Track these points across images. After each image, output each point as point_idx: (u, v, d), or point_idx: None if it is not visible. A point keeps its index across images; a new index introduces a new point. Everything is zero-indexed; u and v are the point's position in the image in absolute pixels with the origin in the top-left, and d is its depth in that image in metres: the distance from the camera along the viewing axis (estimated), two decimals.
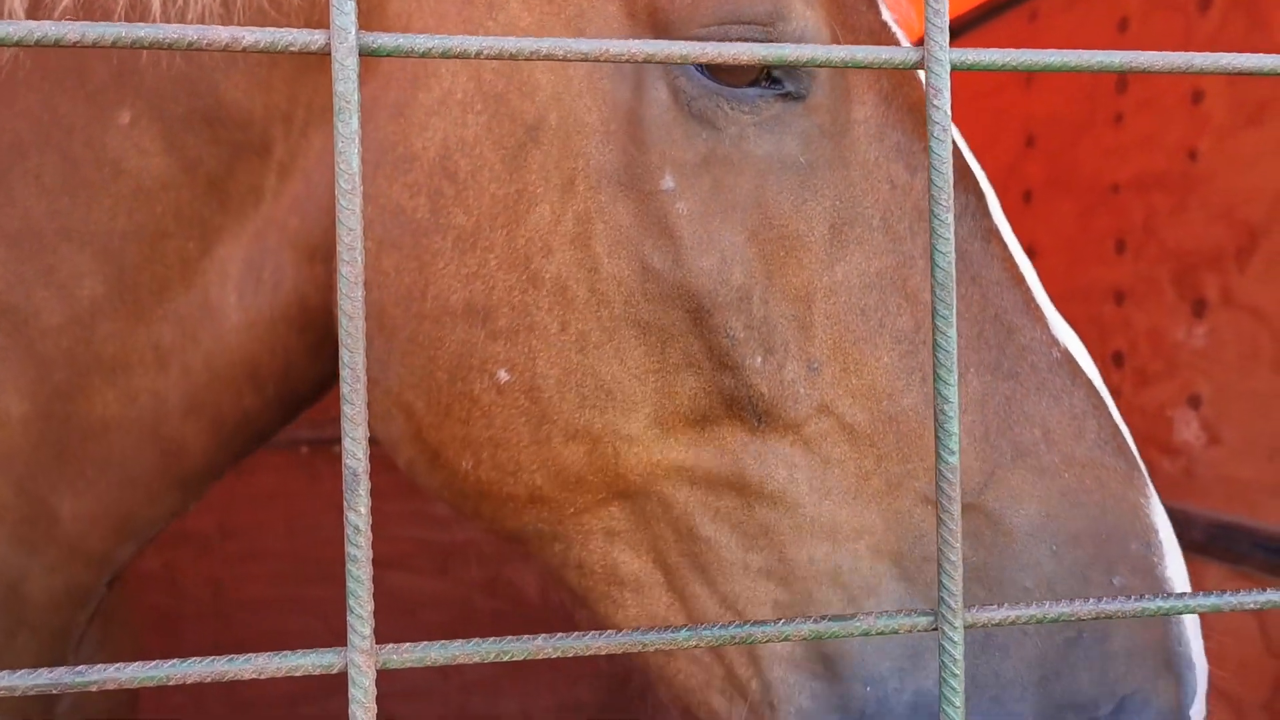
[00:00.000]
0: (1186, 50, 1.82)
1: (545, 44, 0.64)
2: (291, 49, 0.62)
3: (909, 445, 0.98)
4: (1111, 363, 2.76)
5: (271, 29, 0.62)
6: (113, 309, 1.22)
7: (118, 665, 0.60)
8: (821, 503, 0.97)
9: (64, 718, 1.52)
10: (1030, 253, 3.11)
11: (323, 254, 1.17)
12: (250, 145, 1.17)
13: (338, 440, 2.51)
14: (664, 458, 1.01)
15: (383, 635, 3.81)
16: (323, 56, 1.12)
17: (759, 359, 0.98)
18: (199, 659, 0.61)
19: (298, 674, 0.62)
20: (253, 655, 0.61)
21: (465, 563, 3.85)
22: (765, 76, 0.98)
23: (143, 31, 0.60)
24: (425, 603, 3.83)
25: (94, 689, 0.60)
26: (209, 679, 0.61)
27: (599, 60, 0.62)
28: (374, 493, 3.88)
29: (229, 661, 0.61)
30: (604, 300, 0.99)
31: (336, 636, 3.78)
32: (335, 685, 3.78)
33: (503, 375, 1.01)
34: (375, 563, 3.80)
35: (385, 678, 3.82)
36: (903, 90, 1.04)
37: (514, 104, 1.01)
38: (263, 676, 0.61)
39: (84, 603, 1.41)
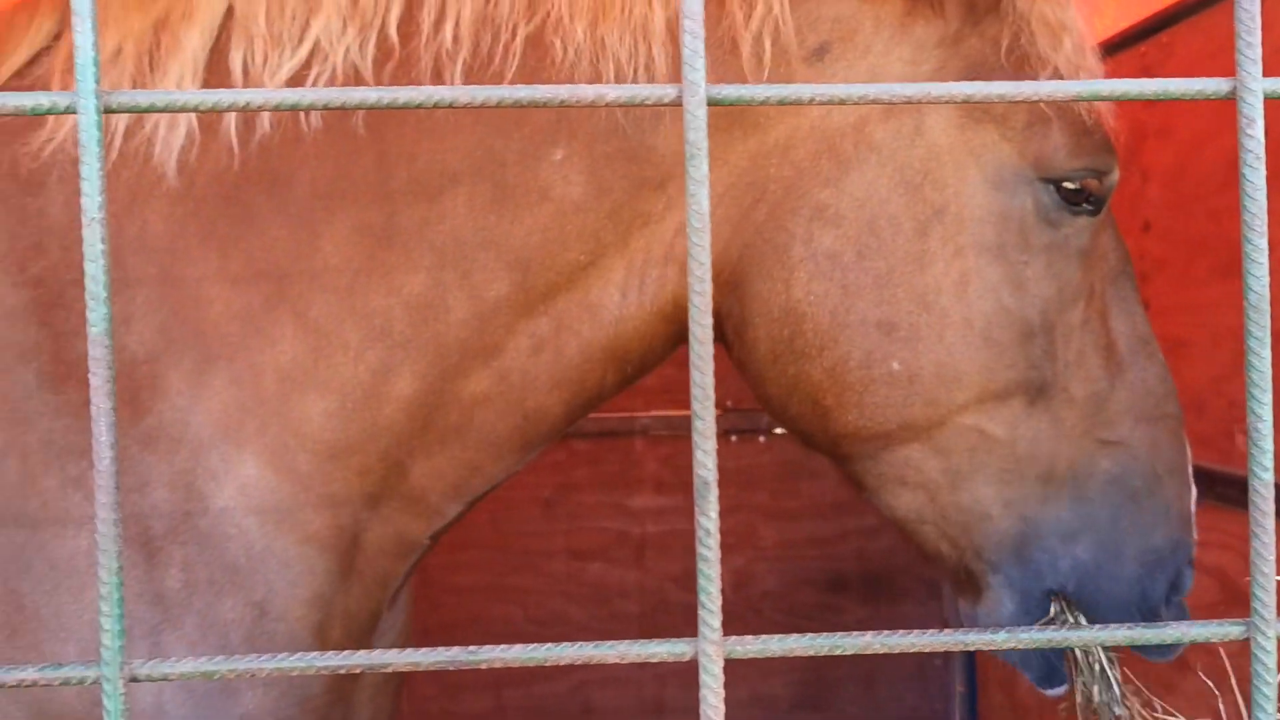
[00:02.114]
0: None
1: (873, 89, 0.69)
2: (648, 103, 0.69)
3: (1098, 407, 1.57)
4: None
5: (630, 85, 0.70)
6: (508, 306, 1.47)
7: (503, 647, 0.69)
8: (1038, 446, 1.55)
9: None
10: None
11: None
12: (651, 180, 1.48)
13: None
14: (970, 418, 1.52)
15: (580, 623, 3.95)
16: (733, 119, 1.48)
17: (1049, 361, 1.54)
18: (569, 644, 0.69)
19: (654, 660, 0.69)
20: (616, 642, 0.69)
21: (660, 555, 3.95)
22: (1089, 201, 1.54)
23: (523, 93, 0.68)
24: (622, 592, 3.95)
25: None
26: (580, 661, 0.69)
27: (932, 101, 0.67)
28: (574, 486, 4.02)
29: (595, 647, 0.69)
30: (969, 324, 1.49)
31: (535, 624, 3.94)
32: (541, 673, 3.93)
33: (895, 366, 1.49)
34: (574, 553, 3.96)
35: (581, 665, 3.96)
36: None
37: (926, 193, 1.49)
38: (624, 661, 0.69)
39: (407, 554, 1.58)
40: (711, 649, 0.68)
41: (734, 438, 3.93)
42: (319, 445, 1.45)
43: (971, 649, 0.70)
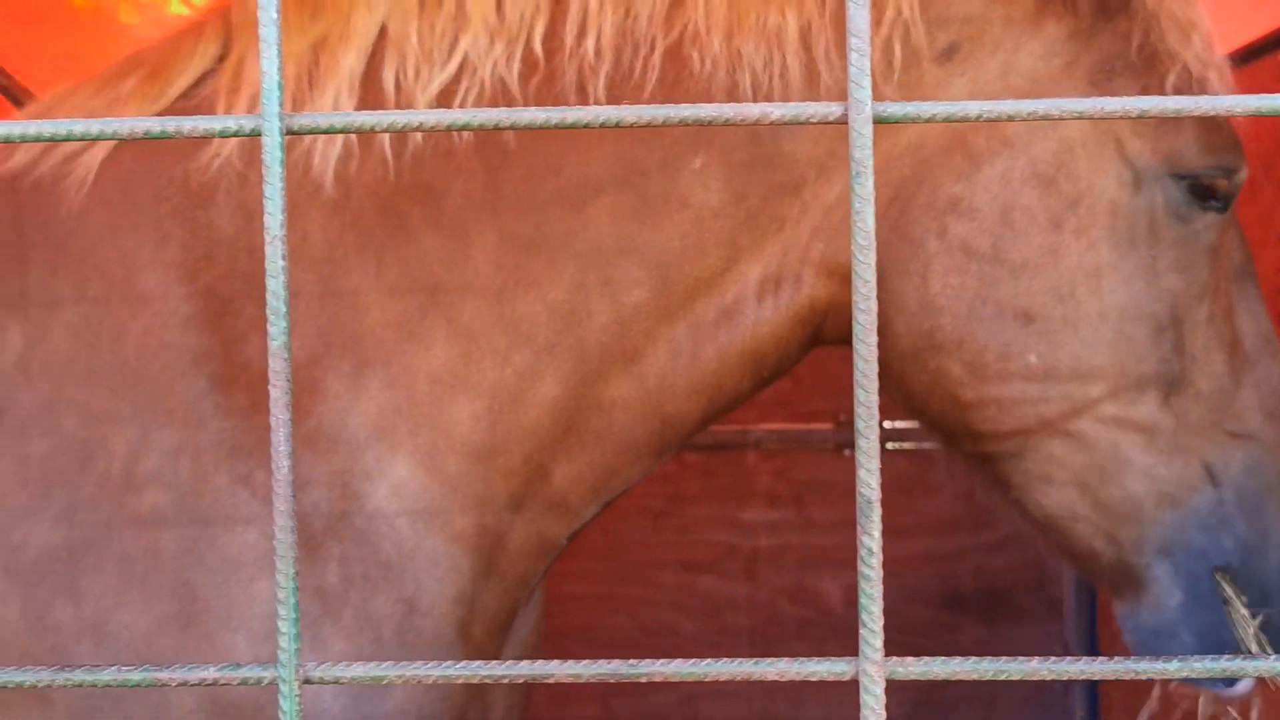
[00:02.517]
0: None
1: (1041, 105, 0.68)
2: (812, 121, 0.69)
3: (1225, 402, 1.58)
4: None
5: (794, 104, 0.70)
6: (648, 311, 1.52)
7: (663, 661, 0.69)
8: (1176, 438, 1.56)
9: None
10: None
11: (842, 273, 1.53)
12: (786, 185, 1.51)
13: None
14: (1108, 410, 1.52)
15: (690, 636, 3.94)
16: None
17: (1177, 355, 1.54)
18: (729, 660, 0.69)
19: (813, 679, 0.69)
20: (775, 660, 0.69)
21: (771, 569, 3.92)
22: (1216, 198, 1.54)
23: (688, 112, 0.69)
24: (732, 605, 3.94)
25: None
26: (739, 678, 0.69)
27: (1106, 116, 0.66)
28: (686, 498, 4.03)
29: (755, 664, 0.69)
30: (1104, 317, 1.50)
31: (645, 634, 3.95)
32: (650, 683, 3.94)
33: (1032, 359, 1.51)
34: (684, 565, 3.96)
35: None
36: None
37: (1060, 185, 1.50)
38: (783, 679, 0.69)
39: (547, 555, 1.62)
40: (873, 669, 0.68)
41: (847, 452, 3.89)
42: (467, 447, 1.50)
43: (1143, 678, 0.68)
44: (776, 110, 0.69)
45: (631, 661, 0.69)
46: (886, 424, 3.88)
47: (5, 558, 1.48)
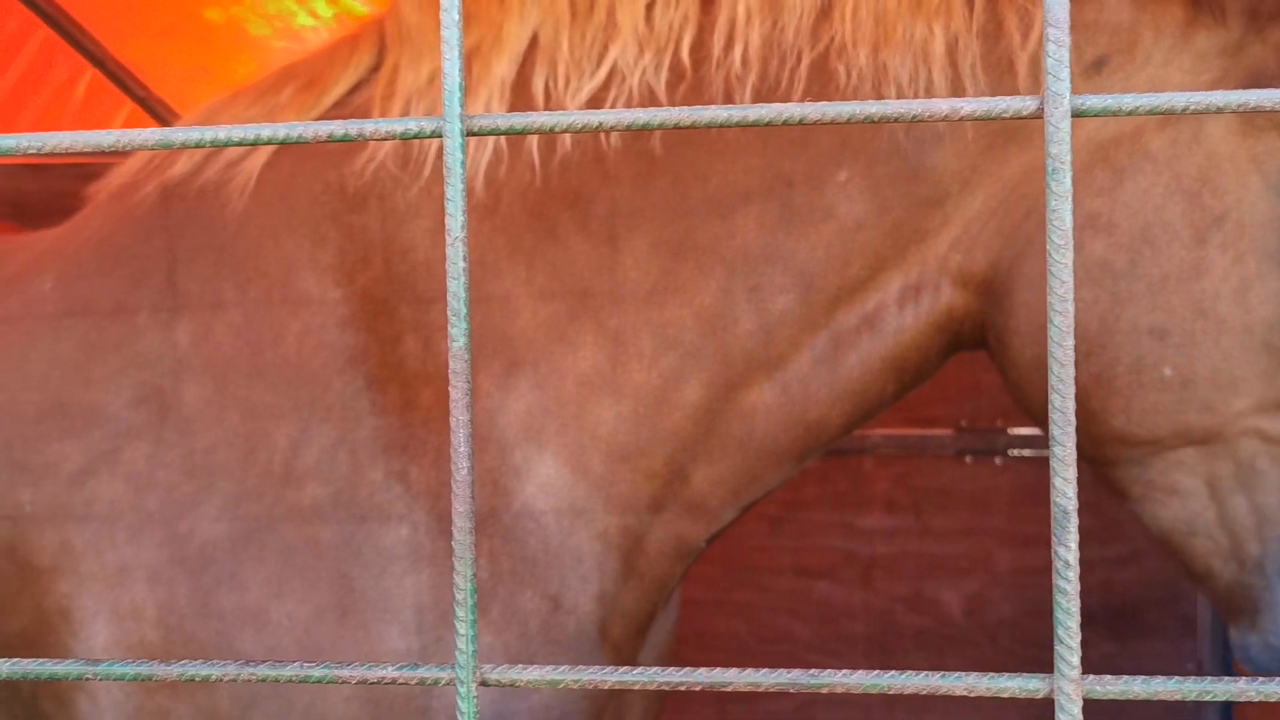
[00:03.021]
0: None
1: (1253, 96, 0.65)
2: (1005, 115, 0.67)
3: None
4: None
5: (987, 99, 0.67)
6: (792, 319, 1.53)
7: (844, 671, 0.68)
8: None
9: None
10: None
11: (976, 283, 1.54)
12: (929, 198, 1.51)
13: None
14: (1250, 423, 1.46)
15: (804, 643, 3.90)
16: (1009, 135, 1.49)
17: None
18: (912, 673, 0.67)
19: (1004, 695, 0.66)
20: (963, 674, 0.67)
21: (888, 576, 3.86)
22: None
23: (874, 108, 0.67)
24: (848, 613, 3.88)
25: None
26: (925, 692, 0.67)
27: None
28: (802, 504, 3.98)
29: (942, 678, 0.67)
30: (1249, 330, 1.45)
31: (760, 640, 3.91)
32: (764, 694, 3.91)
33: (1167, 371, 1.47)
34: (800, 571, 3.91)
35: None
36: None
37: (1205, 200, 1.46)
38: (972, 694, 0.67)
39: (685, 557, 1.64)
40: (1070, 687, 0.65)
41: (969, 458, 3.81)
42: (611, 448, 1.53)
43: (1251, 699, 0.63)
44: (967, 105, 0.67)
45: (813, 671, 0.68)
46: (1011, 430, 3.78)
47: (173, 546, 1.54)
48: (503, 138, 1.50)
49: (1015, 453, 3.79)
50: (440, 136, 0.70)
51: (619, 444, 1.53)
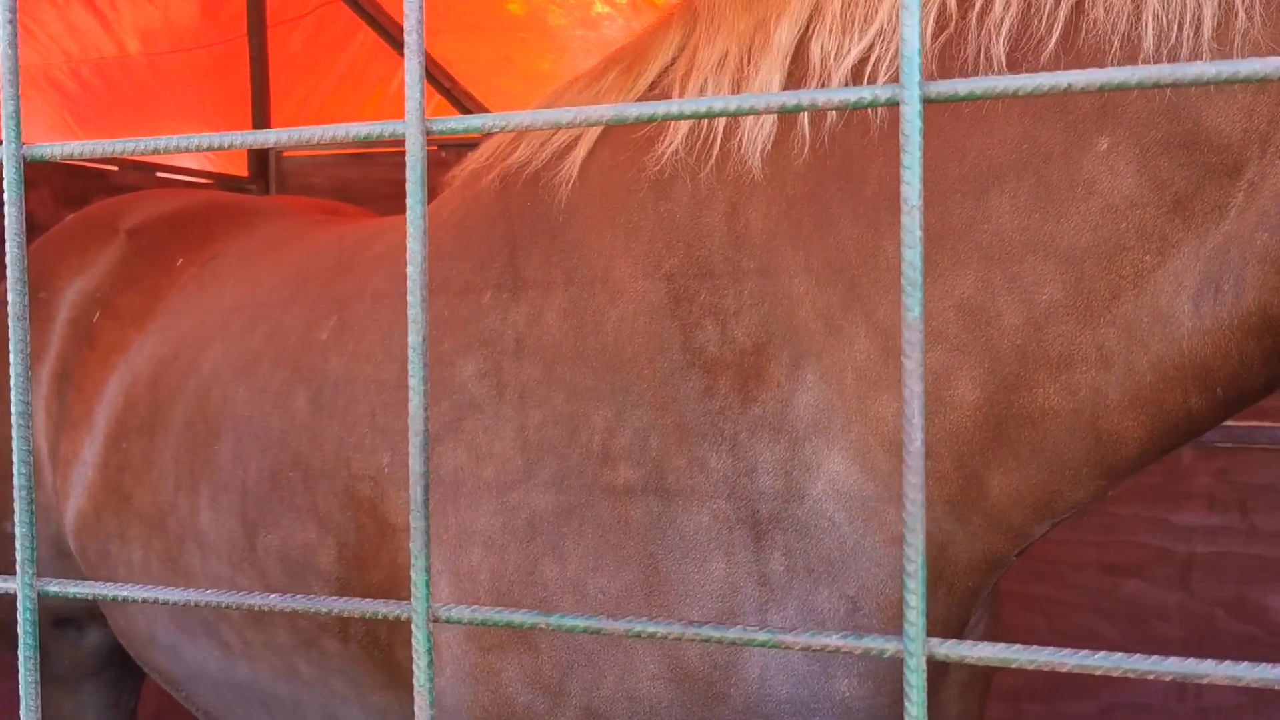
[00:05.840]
0: None
1: None
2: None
3: None
4: None
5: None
6: (1064, 312, 1.37)
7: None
8: None
9: (952, 685, 1.67)
10: None
11: None
12: (1221, 167, 1.29)
13: None
14: None
15: (1110, 643, 3.70)
16: None
17: None
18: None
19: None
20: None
21: (1209, 577, 3.59)
22: None
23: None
24: (1160, 614, 3.65)
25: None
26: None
27: None
28: (1111, 497, 3.77)
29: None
30: None
31: (1061, 637, 3.74)
32: (1067, 689, 3.74)
33: None
34: (1108, 568, 3.71)
35: (1111, 685, 3.71)
36: None
37: None
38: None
39: (996, 569, 1.56)
40: None
41: None
42: (895, 445, 1.45)
43: None
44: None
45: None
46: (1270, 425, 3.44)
47: (505, 516, 1.63)
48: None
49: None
50: (896, 103, 0.70)
51: (901, 442, 1.44)
